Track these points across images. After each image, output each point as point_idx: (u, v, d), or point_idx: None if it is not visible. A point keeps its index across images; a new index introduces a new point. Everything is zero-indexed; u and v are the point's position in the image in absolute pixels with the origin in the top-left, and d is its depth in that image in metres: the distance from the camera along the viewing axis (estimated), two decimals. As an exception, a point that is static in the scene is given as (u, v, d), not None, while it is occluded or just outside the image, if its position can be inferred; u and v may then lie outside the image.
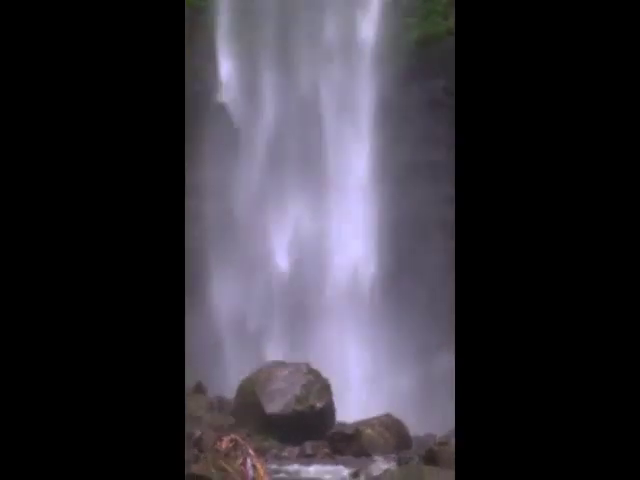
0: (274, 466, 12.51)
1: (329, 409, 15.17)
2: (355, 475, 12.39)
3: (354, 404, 15.46)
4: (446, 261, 14.61)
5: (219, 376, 16.74)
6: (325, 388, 15.27)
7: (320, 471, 12.73)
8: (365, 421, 14.50)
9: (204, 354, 17.03)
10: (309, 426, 14.49)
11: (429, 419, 14.84)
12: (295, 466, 12.96)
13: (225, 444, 10.40)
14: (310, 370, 15.42)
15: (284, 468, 12.73)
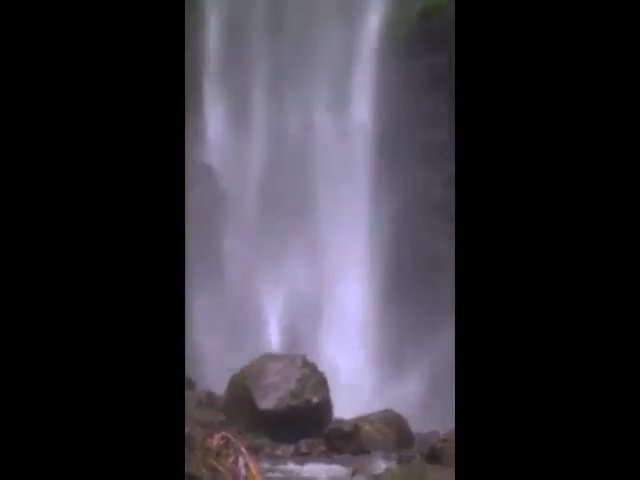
0: (267, 465, 12.18)
1: (326, 404, 14.83)
2: (354, 474, 12.15)
3: (352, 399, 15.13)
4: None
5: (208, 370, 16.53)
6: (321, 382, 14.92)
7: (316, 470, 12.44)
8: (364, 417, 14.21)
9: (191, 346, 16.49)
10: (304, 423, 14.18)
11: (432, 415, 14.58)
12: (290, 465, 12.74)
13: (215, 442, 9.99)
14: (305, 363, 15.06)
15: (278, 467, 12.48)
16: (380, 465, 12.32)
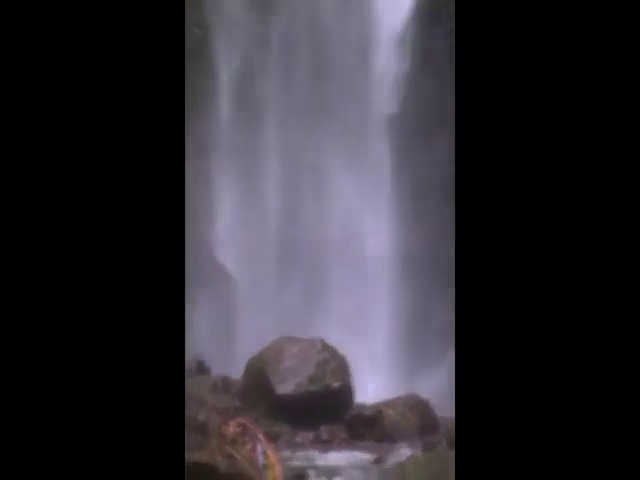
0: (286, 453, 11.97)
1: (346, 389, 14.46)
2: (377, 462, 12.04)
3: (374, 383, 14.98)
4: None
5: (223, 354, 16.22)
6: (342, 366, 14.58)
7: (337, 458, 12.26)
8: (387, 402, 13.97)
9: (205, 328, 16.69)
10: (324, 408, 13.84)
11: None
12: (310, 453, 12.54)
13: (232, 429, 9.95)
14: (325, 346, 14.71)
15: (297, 455, 12.30)
16: (404, 452, 12.18)
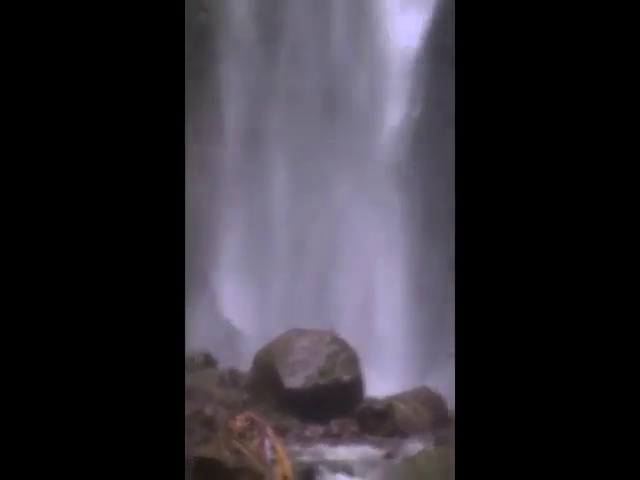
0: (295, 447, 11.88)
1: (357, 383, 14.31)
2: (388, 456, 11.90)
3: (385, 376, 14.72)
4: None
5: (231, 346, 16.18)
6: (352, 359, 14.42)
7: (348, 452, 12.13)
8: (398, 395, 13.76)
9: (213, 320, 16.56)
10: (334, 402, 13.68)
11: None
12: (319, 447, 12.43)
13: (239, 423, 9.89)
14: (334, 339, 14.55)
15: (307, 449, 12.18)
16: (415, 446, 12.13)
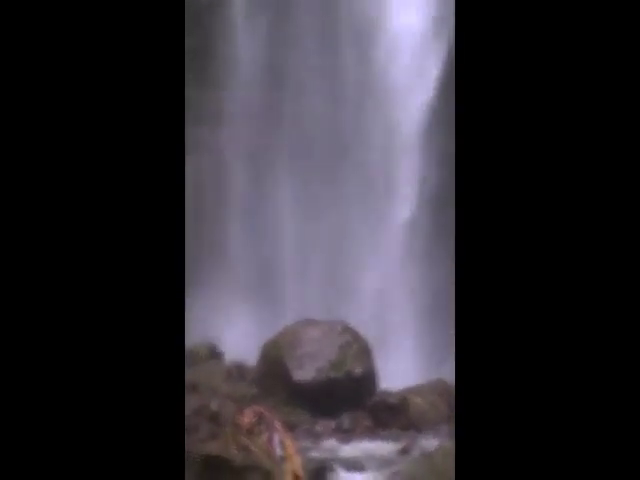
0: (306, 443, 11.73)
1: (370, 375, 14.15)
2: (403, 452, 11.77)
3: (399, 368, 14.34)
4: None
5: (237, 338, 15.81)
6: (364, 350, 14.24)
7: (361, 448, 12.00)
8: (413, 388, 13.64)
9: (218, 312, 16.25)
10: (346, 396, 13.52)
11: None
12: (331, 442, 12.32)
13: (247, 418, 9.91)
14: (346, 329, 14.36)
15: (317, 445, 12.12)
16: (432, 442, 11.89)
